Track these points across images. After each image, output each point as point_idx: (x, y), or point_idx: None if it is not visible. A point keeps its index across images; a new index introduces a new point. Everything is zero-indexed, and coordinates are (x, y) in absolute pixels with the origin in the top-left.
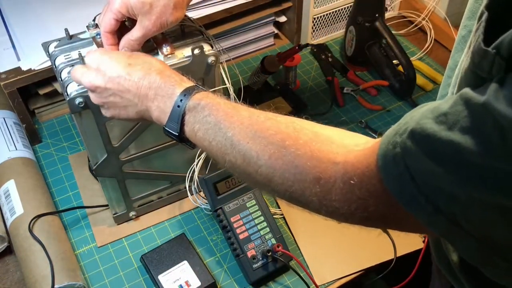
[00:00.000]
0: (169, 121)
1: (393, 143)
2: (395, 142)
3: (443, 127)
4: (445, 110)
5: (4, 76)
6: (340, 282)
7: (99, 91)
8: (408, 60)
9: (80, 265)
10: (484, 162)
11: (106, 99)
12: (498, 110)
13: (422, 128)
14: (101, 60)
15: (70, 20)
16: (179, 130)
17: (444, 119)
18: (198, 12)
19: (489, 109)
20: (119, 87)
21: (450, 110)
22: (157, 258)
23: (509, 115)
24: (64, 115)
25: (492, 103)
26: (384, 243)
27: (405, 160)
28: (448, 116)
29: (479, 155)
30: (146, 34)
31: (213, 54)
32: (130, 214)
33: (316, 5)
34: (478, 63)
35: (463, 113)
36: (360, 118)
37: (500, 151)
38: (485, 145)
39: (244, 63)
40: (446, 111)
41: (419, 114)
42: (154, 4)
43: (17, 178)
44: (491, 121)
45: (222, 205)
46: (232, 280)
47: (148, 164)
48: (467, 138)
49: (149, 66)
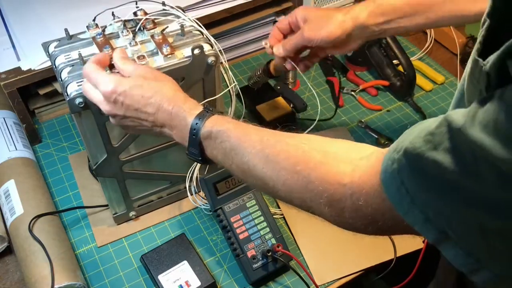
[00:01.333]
0: (190, 147)
1: (391, 159)
2: (393, 158)
3: (430, 146)
4: (432, 130)
5: (4, 76)
6: (340, 282)
7: (118, 118)
8: (408, 60)
9: (80, 265)
10: (461, 180)
11: (125, 123)
12: (472, 136)
13: (413, 146)
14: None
15: (70, 20)
16: (200, 155)
17: (431, 138)
18: (198, 12)
19: (465, 133)
20: (138, 115)
21: (436, 131)
22: (157, 258)
23: (479, 140)
24: (64, 115)
25: (467, 129)
26: (384, 243)
27: (401, 175)
28: (434, 136)
29: (457, 174)
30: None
31: (213, 54)
32: (130, 214)
33: (316, 5)
34: (471, 73)
35: (446, 135)
36: (360, 118)
37: (472, 170)
38: (460, 165)
39: (244, 63)
40: (433, 131)
41: (415, 132)
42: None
43: (17, 178)
44: (466, 144)
45: (222, 205)
46: (232, 280)
47: (148, 164)
48: (448, 158)
49: (161, 96)
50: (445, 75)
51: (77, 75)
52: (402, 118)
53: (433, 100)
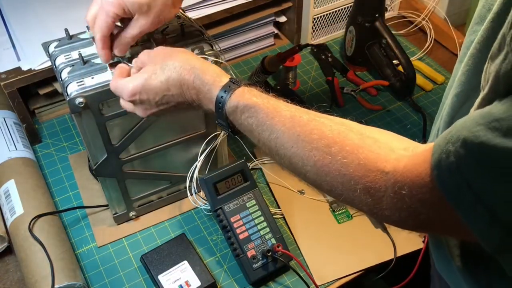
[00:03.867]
0: (218, 119)
1: (446, 152)
2: (448, 151)
3: (497, 134)
4: (498, 115)
5: (4, 76)
6: (340, 282)
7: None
8: (408, 60)
9: (80, 265)
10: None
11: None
12: None
13: (475, 135)
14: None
15: (70, 20)
16: (229, 127)
17: (497, 125)
18: (198, 12)
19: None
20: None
21: (504, 116)
22: (157, 258)
23: None
24: (64, 115)
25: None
26: (384, 243)
27: (461, 169)
28: (502, 122)
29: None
30: (143, 31)
31: (213, 54)
32: (130, 214)
33: (316, 5)
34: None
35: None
36: (360, 118)
37: None
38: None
39: (244, 63)
40: (499, 117)
41: (470, 121)
42: (152, 4)
43: (17, 178)
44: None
45: (222, 205)
46: (232, 280)
47: (148, 164)
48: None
49: (177, 74)
50: (445, 75)
51: (77, 75)
52: (402, 118)
53: (433, 100)
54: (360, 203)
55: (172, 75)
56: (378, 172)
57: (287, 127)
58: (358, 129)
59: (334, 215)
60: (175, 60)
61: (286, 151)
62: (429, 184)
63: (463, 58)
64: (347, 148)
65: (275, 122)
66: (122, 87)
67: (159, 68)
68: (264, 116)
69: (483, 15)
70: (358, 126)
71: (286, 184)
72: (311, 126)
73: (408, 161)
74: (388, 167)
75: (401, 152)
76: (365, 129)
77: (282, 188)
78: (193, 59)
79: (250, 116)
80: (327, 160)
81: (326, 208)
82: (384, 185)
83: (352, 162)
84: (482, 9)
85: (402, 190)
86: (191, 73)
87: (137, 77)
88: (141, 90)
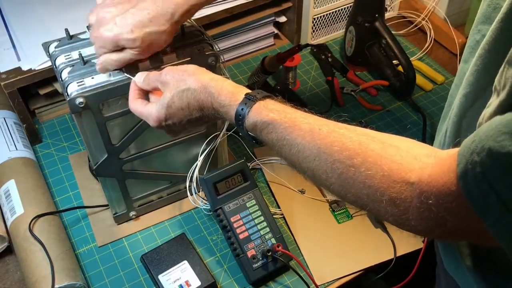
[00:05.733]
0: (241, 133)
1: (472, 162)
2: (474, 161)
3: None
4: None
5: (5, 76)
6: (340, 282)
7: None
8: (408, 60)
9: (80, 265)
10: None
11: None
12: None
13: (500, 145)
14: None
15: (70, 20)
16: (253, 140)
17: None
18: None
19: None
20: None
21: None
22: (157, 258)
23: None
24: (64, 115)
25: None
26: (384, 243)
27: (488, 180)
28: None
29: None
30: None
31: (213, 54)
32: (130, 214)
33: (316, 5)
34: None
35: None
36: (360, 118)
37: None
38: None
39: (244, 63)
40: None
41: (493, 130)
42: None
43: (17, 178)
44: None
45: (222, 205)
46: (232, 280)
47: (148, 164)
48: None
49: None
50: (445, 75)
51: (77, 75)
52: (402, 118)
53: (433, 100)
54: (386, 214)
55: (191, 102)
56: (403, 183)
57: (307, 140)
58: (379, 138)
59: (334, 215)
60: (189, 84)
61: (309, 164)
62: (455, 193)
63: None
64: (369, 159)
65: (294, 136)
66: (147, 115)
67: (176, 97)
68: (282, 130)
69: (489, 15)
70: (379, 134)
71: (286, 184)
72: (331, 138)
73: (433, 170)
74: (413, 177)
75: (424, 159)
76: (386, 138)
77: (282, 188)
78: (205, 79)
79: (269, 132)
80: (351, 172)
81: (326, 208)
82: (410, 195)
83: (377, 173)
84: (487, 9)
85: (429, 200)
86: (207, 95)
87: (159, 106)
88: (165, 118)
